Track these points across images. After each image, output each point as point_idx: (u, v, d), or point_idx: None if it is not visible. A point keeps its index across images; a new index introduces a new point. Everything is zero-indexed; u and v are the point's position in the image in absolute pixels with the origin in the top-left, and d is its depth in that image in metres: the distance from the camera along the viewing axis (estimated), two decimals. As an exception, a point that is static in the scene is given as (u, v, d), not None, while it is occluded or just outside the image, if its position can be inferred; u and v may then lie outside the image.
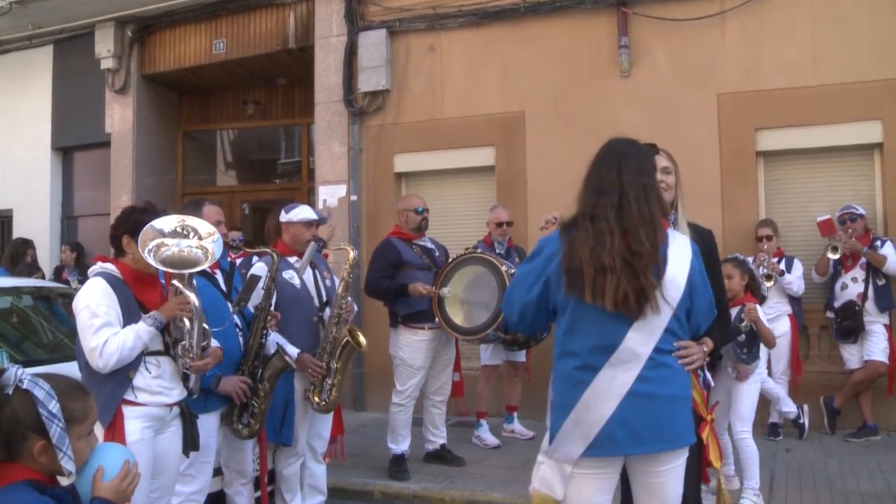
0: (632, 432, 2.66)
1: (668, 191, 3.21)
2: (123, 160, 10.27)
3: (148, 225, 3.36)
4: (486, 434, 6.88)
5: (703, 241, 3.12)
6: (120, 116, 10.34)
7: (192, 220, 3.49)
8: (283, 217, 4.89)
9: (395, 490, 5.76)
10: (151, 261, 3.27)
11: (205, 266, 3.42)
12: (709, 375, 3.18)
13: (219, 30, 9.87)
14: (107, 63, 10.20)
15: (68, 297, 5.87)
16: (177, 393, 3.50)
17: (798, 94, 7.26)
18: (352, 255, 4.96)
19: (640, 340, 2.68)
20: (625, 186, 2.78)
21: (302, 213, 4.84)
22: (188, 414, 3.57)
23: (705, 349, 2.95)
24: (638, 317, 2.66)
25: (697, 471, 3.16)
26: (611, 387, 2.67)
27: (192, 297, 3.36)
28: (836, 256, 6.74)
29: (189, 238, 3.40)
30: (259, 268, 4.58)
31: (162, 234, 3.36)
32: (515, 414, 7.21)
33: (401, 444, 6.02)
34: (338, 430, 5.23)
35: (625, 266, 2.65)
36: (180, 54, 10.12)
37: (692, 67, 7.59)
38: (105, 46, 10.14)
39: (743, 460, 5.07)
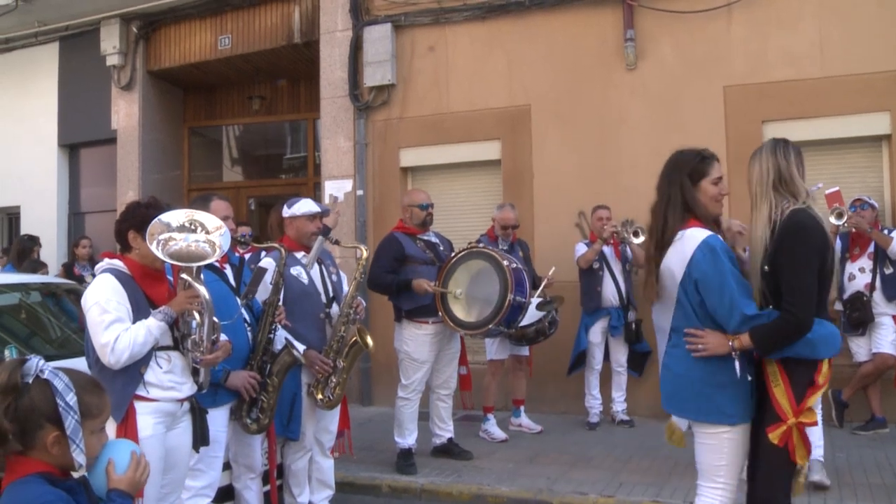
0: (663, 392, 3.38)
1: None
2: (130, 156, 10.30)
3: (156, 219, 3.36)
4: (493, 428, 6.89)
5: (779, 237, 3.18)
6: (126, 113, 10.36)
7: (199, 215, 3.49)
8: (286, 212, 4.89)
9: (402, 484, 5.78)
10: (160, 254, 3.27)
11: (212, 260, 3.42)
12: (738, 366, 3.16)
13: (224, 26, 9.89)
14: (112, 60, 10.23)
15: (76, 293, 5.90)
16: (188, 388, 3.51)
17: (805, 86, 7.23)
18: (365, 254, 4.96)
19: (660, 318, 3.44)
20: (660, 194, 3.42)
21: (304, 206, 4.85)
22: (198, 409, 3.58)
23: (732, 343, 3.13)
24: (654, 299, 3.42)
25: (782, 474, 3.15)
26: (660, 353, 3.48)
27: (203, 291, 3.36)
28: (841, 222, 6.64)
29: (196, 233, 3.40)
30: (267, 262, 4.59)
31: (169, 228, 3.35)
32: (522, 408, 7.21)
33: (407, 438, 6.03)
34: (344, 425, 5.23)
35: (649, 258, 3.43)
36: (185, 50, 10.14)
37: (698, 60, 7.56)
38: (110, 43, 10.17)
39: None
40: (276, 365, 4.22)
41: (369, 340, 4.76)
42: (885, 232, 6.66)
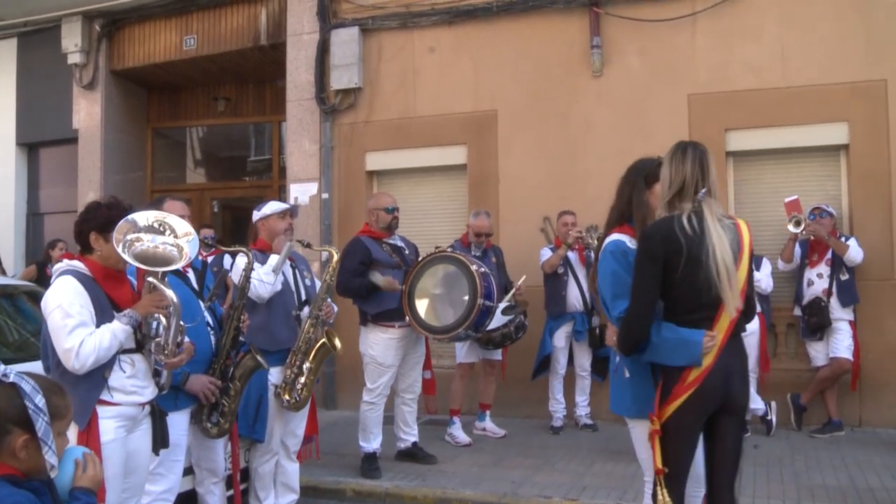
0: None
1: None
2: (91, 157, 10.12)
3: (125, 218, 3.31)
4: (458, 432, 6.90)
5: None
6: (87, 112, 10.19)
7: (171, 219, 3.45)
8: (256, 216, 4.92)
9: (367, 488, 5.75)
10: (126, 256, 3.22)
11: (179, 265, 3.40)
12: (616, 360, 3.37)
13: (189, 26, 9.78)
14: (74, 58, 10.04)
15: (34, 295, 5.78)
16: (149, 391, 3.46)
17: (767, 96, 7.36)
18: (336, 256, 4.97)
19: None
20: (617, 194, 3.62)
21: (272, 206, 4.89)
22: (158, 412, 3.53)
23: (614, 338, 3.31)
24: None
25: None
26: None
27: (171, 295, 3.31)
28: (799, 230, 6.80)
29: (164, 235, 3.36)
30: (236, 265, 4.59)
31: (136, 227, 3.31)
32: (488, 412, 7.22)
33: (372, 443, 6.01)
34: (312, 430, 5.21)
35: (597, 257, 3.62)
36: (150, 50, 10.01)
37: (663, 68, 7.65)
38: (72, 41, 9.99)
39: None
40: (238, 369, 4.18)
41: (337, 343, 4.77)
42: (843, 239, 6.81)
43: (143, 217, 3.37)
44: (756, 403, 6.82)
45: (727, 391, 3.15)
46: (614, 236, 3.43)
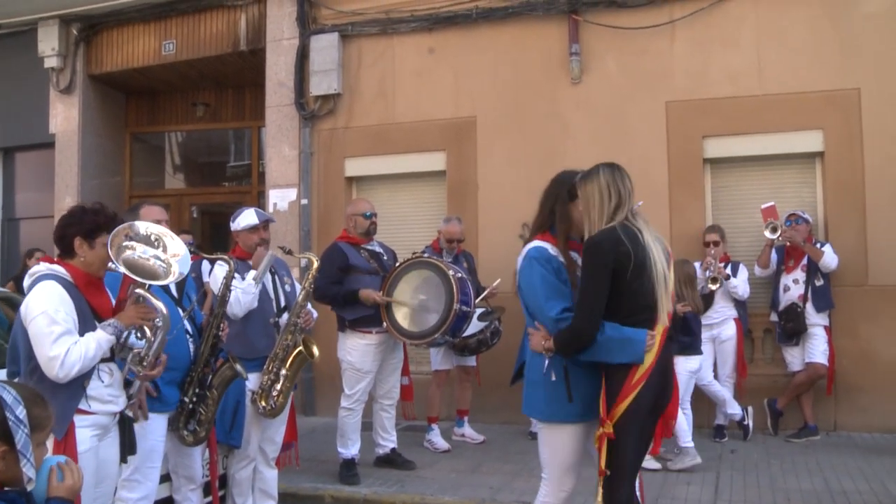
0: None
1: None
2: (68, 161, 10.04)
3: (128, 223, 3.30)
4: (436, 438, 6.89)
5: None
6: (65, 117, 10.10)
7: (169, 237, 3.45)
8: (232, 226, 4.91)
9: (345, 494, 5.73)
10: (118, 263, 3.20)
11: (164, 282, 3.39)
12: (545, 365, 3.46)
13: (168, 30, 9.73)
14: (51, 62, 9.96)
15: (8, 301, 5.71)
16: (122, 400, 3.45)
17: (744, 103, 7.43)
18: (315, 264, 4.95)
19: None
20: (540, 207, 3.73)
21: (246, 219, 4.84)
22: (126, 420, 3.51)
23: (545, 344, 3.40)
24: None
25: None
26: None
27: (163, 308, 3.30)
28: (775, 236, 6.87)
29: (157, 249, 3.35)
30: (214, 273, 4.58)
31: (133, 236, 3.30)
32: (466, 418, 7.22)
33: (350, 449, 6.00)
34: (292, 437, 5.20)
35: None
36: (128, 55, 9.94)
37: (641, 75, 7.71)
38: (49, 44, 9.90)
39: None
40: (216, 378, 4.17)
41: (315, 350, 4.75)
42: (818, 245, 6.88)
43: (143, 227, 3.37)
44: (733, 409, 6.87)
45: (666, 388, 3.38)
46: (536, 243, 3.59)
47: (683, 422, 5.97)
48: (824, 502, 5.18)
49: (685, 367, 6.08)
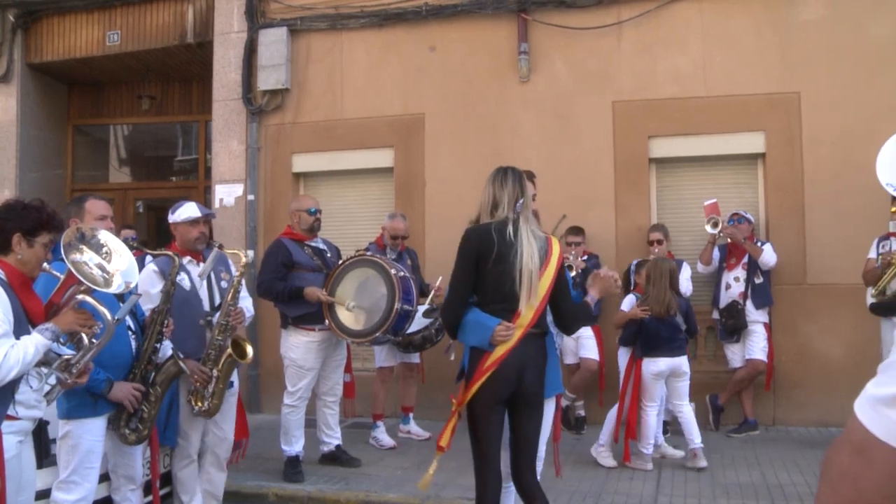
0: None
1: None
2: (5, 153, 9.75)
3: (93, 228, 3.23)
4: (382, 435, 6.87)
5: None
6: (2, 107, 9.81)
7: (121, 251, 3.42)
8: (170, 218, 4.77)
9: (289, 492, 5.70)
10: (69, 263, 3.12)
11: (107, 290, 3.32)
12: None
13: (113, 21, 9.53)
14: (-15, 50, 9.69)
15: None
16: (44, 405, 3.38)
17: (689, 105, 7.55)
18: (243, 259, 4.82)
19: None
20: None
21: (186, 212, 4.71)
22: (41, 423, 3.43)
23: None
24: None
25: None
26: None
27: (109, 316, 3.23)
28: (716, 231, 6.99)
29: (102, 257, 3.27)
30: (149, 267, 4.45)
31: (89, 239, 3.22)
32: (411, 415, 7.22)
33: (294, 446, 5.96)
34: (242, 434, 5.14)
35: None
36: (70, 44, 9.71)
37: (589, 75, 7.78)
38: (-17, 31, 9.63)
39: None
40: (160, 375, 4.11)
41: (249, 350, 4.62)
42: (759, 244, 7.02)
43: (104, 236, 3.34)
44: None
45: (521, 381, 3.59)
46: None
47: (650, 424, 5.99)
48: (761, 495, 5.29)
49: (647, 369, 5.99)
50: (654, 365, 5.98)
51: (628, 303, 6.26)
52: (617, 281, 3.99)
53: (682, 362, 6.04)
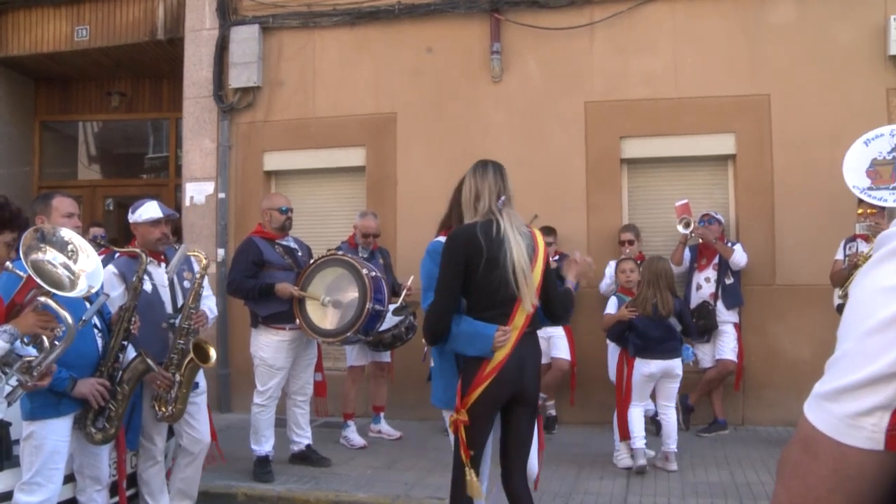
0: None
1: None
2: (-30, 149, 9.62)
3: (53, 226, 3.15)
4: (352, 434, 6.84)
5: None
6: (-34, 102, 9.67)
7: (88, 252, 3.33)
8: (130, 217, 4.68)
9: (259, 492, 5.65)
10: (26, 263, 3.04)
11: (68, 294, 3.22)
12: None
13: (81, 15, 9.40)
14: (-51, 43, 9.51)
15: None
16: (5, 407, 3.31)
17: (660, 106, 7.59)
18: (204, 261, 4.71)
19: None
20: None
21: (147, 211, 4.60)
22: (3, 423, 3.37)
23: None
24: None
25: (457, 464, 3.59)
26: None
27: (70, 320, 3.16)
28: (688, 231, 7.02)
29: (67, 256, 3.20)
30: (108, 268, 4.34)
31: (51, 238, 3.15)
32: (382, 414, 7.19)
33: (264, 445, 5.91)
34: (211, 435, 5.07)
35: None
36: (37, 38, 9.55)
37: (561, 75, 7.79)
38: (-53, 25, 9.45)
39: None
40: (127, 373, 4.07)
41: (212, 354, 4.56)
42: (729, 245, 7.08)
43: (67, 234, 3.25)
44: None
45: (521, 382, 3.53)
46: (438, 239, 3.80)
47: (633, 420, 5.95)
48: (729, 494, 5.33)
49: (639, 370, 5.88)
50: (647, 367, 5.85)
51: (612, 305, 6.19)
52: (591, 265, 3.98)
53: (675, 365, 5.90)
